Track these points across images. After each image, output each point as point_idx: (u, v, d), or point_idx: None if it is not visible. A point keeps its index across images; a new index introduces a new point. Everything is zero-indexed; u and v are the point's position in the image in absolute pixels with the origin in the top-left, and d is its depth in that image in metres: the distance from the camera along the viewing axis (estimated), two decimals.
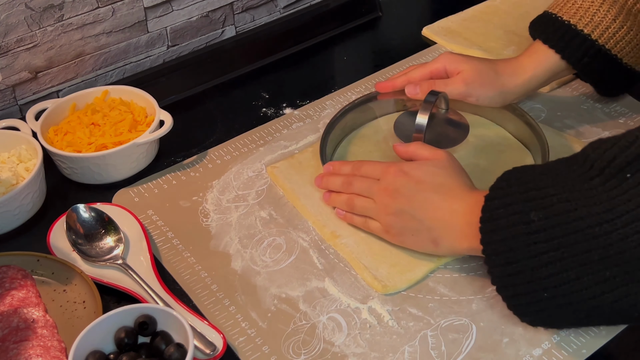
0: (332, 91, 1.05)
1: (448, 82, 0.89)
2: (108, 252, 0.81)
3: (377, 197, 0.79)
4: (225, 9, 1.13)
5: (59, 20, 0.98)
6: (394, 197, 0.77)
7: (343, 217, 0.83)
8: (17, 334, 0.71)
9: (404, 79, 0.92)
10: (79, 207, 0.83)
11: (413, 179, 0.77)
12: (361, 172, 0.82)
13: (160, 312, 0.69)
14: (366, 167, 0.82)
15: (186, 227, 0.86)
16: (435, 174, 0.77)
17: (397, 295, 0.77)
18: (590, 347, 0.72)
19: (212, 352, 0.70)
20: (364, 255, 0.80)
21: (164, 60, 1.11)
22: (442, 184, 0.77)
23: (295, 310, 0.76)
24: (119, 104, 0.96)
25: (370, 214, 0.80)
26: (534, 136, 0.90)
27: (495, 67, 0.91)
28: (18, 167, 0.88)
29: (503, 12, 1.17)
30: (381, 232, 0.80)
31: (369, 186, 0.80)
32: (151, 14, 1.06)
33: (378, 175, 0.80)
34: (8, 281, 0.76)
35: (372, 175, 0.81)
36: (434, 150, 0.80)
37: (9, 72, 0.97)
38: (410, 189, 0.77)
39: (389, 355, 0.72)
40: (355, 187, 0.81)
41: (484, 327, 0.74)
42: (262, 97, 1.06)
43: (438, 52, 1.11)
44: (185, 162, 0.95)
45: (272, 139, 0.97)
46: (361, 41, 1.17)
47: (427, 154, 0.80)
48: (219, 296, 0.78)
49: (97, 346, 0.68)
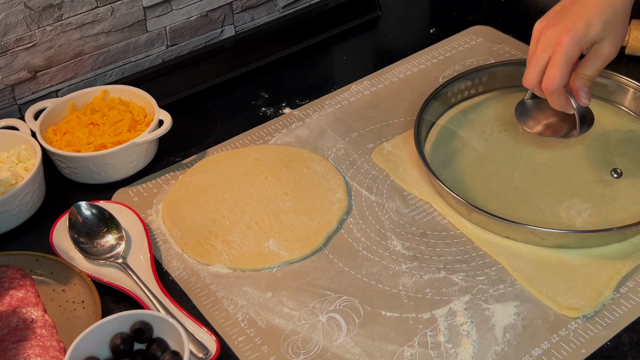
0: (332, 91, 1.05)
1: (594, 62, 0.84)
2: (109, 250, 0.81)
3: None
4: (225, 9, 1.13)
5: (58, 20, 0.98)
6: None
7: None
8: (16, 333, 0.71)
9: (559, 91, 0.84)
10: (81, 205, 0.83)
11: None
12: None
13: (156, 319, 0.69)
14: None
15: None
16: None
17: None
18: (590, 347, 0.72)
19: (205, 356, 0.70)
20: None
21: (163, 60, 1.10)
22: None
23: (296, 310, 0.76)
24: (118, 103, 0.96)
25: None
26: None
27: None
28: (17, 166, 0.88)
29: None
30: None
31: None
32: (150, 14, 1.06)
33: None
34: (7, 281, 0.75)
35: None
36: None
37: (8, 71, 0.97)
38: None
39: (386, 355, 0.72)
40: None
41: None
42: (261, 97, 1.06)
43: (438, 51, 1.11)
44: (184, 162, 0.95)
45: (271, 139, 0.97)
46: (360, 41, 1.17)
47: None
48: (218, 296, 0.78)
49: (93, 352, 0.67)
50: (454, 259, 0.81)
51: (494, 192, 0.87)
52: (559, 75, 0.80)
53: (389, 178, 0.91)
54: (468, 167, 0.91)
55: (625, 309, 0.75)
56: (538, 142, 0.93)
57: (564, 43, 0.79)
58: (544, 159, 0.91)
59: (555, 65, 0.80)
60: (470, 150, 0.93)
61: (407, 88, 1.05)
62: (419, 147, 0.89)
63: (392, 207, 0.87)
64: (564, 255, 0.80)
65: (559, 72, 0.80)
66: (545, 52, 0.81)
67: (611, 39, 0.81)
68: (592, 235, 0.80)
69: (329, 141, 0.97)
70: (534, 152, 0.92)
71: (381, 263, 0.81)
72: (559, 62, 0.80)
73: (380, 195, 0.89)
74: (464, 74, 0.99)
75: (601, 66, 0.82)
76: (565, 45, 0.79)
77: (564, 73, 0.80)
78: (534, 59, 0.83)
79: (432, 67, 1.08)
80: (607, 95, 0.98)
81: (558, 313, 0.75)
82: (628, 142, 0.93)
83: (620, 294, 0.76)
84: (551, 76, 0.81)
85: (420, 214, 0.86)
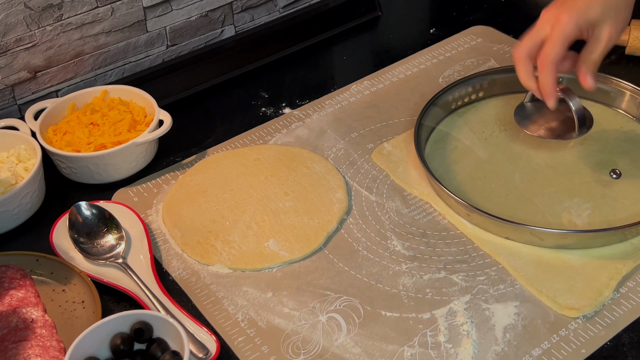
0: (332, 91, 1.05)
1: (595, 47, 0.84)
2: (109, 250, 0.81)
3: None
4: (225, 9, 1.13)
5: (58, 20, 0.98)
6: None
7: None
8: (16, 333, 0.71)
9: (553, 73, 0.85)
10: (81, 205, 0.83)
11: None
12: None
13: (156, 319, 0.69)
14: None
15: None
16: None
17: None
18: (590, 347, 0.72)
19: (205, 356, 0.70)
20: None
21: (163, 60, 1.10)
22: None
23: (296, 310, 0.76)
24: (118, 103, 0.96)
25: None
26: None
27: None
28: (17, 166, 0.88)
29: None
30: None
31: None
32: (150, 14, 1.06)
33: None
34: (7, 281, 0.75)
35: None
36: None
37: (8, 71, 0.97)
38: None
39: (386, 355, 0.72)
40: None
41: None
42: (261, 97, 1.06)
43: (438, 51, 1.11)
44: (184, 162, 0.94)
45: (271, 139, 0.97)
46: (361, 41, 1.17)
47: None
48: (218, 296, 0.78)
49: (93, 352, 0.67)
50: (454, 259, 0.81)
51: (494, 192, 0.87)
52: (555, 51, 0.81)
53: (389, 178, 0.91)
54: (468, 168, 0.91)
55: (625, 309, 0.75)
56: (537, 142, 0.93)
57: (563, 20, 0.80)
58: (544, 159, 0.91)
59: (552, 41, 0.81)
60: (469, 151, 0.93)
61: (407, 88, 1.05)
62: (419, 149, 0.89)
63: (392, 207, 0.87)
64: (564, 255, 0.80)
65: (554, 48, 0.81)
66: (543, 29, 0.82)
67: (611, 22, 0.81)
68: (592, 235, 0.80)
69: (329, 141, 0.97)
70: (534, 152, 0.92)
71: (381, 263, 0.81)
72: (556, 38, 0.81)
73: (380, 195, 0.89)
74: (465, 80, 0.99)
75: (603, 50, 0.82)
76: (563, 21, 0.80)
77: (559, 49, 0.81)
78: (531, 32, 0.84)
79: (432, 67, 1.08)
80: (604, 99, 0.98)
81: (558, 313, 0.75)
82: (627, 142, 0.93)
83: (620, 294, 0.76)
84: (547, 50, 0.81)
85: (420, 214, 0.86)
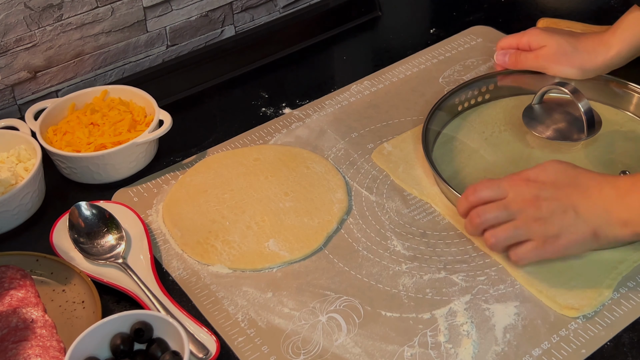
0: (332, 91, 1.05)
1: (528, 56, 0.97)
2: (109, 250, 0.81)
3: (519, 215, 0.74)
4: (225, 9, 1.13)
5: (58, 20, 0.98)
6: (537, 204, 0.73)
7: (514, 258, 0.76)
8: (16, 333, 0.71)
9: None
10: (81, 205, 0.83)
11: (545, 181, 0.74)
12: (479, 198, 0.76)
13: (156, 319, 0.69)
14: (482, 192, 0.76)
15: None
16: (562, 170, 0.75)
17: None
18: (590, 347, 0.72)
19: (205, 356, 0.70)
20: None
21: (163, 60, 1.10)
22: (576, 176, 0.75)
23: (296, 310, 0.76)
24: (118, 103, 0.96)
25: (519, 237, 0.74)
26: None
27: (577, 44, 0.94)
28: (17, 167, 0.88)
29: None
30: (537, 249, 0.74)
31: (501, 210, 0.75)
32: (150, 14, 1.06)
33: (502, 194, 0.75)
34: (7, 281, 0.75)
35: (494, 197, 0.75)
36: None
37: (8, 71, 0.97)
38: (548, 191, 0.73)
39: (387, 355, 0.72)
40: (486, 219, 0.75)
41: None
42: (261, 97, 1.06)
43: (438, 51, 1.11)
44: (184, 162, 0.94)
45: (271, 139, 0.97)
46: (361, 41, 1.17)
47: None
48: (218, 296, 0.78)
49: (93, 352, 0.67)
50: (454, 259, 0.81)
51: None
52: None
53: (389, 178, 0.91)
54: (476, 171, 0.90)
55: (625, 309, 0.75)
56: (544, 144, 0.93)
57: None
58: None
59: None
60: (477, 154, 0.93)
61: (407, 88, 1.05)
62: (427, 152, 0.89)
63: (392, 207, 0.87)
64: None
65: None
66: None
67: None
68: None
69: (329, 141, 0.97)
70: (541, 154, 0.92)
71: (381, 263, 0.81)
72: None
73: (380, 195, 0.89)
74: (470, 83, 0.99)
75: None
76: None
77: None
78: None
79: (432, 67, 1.08)
80: (612, 101, 0.97)
81: (558, 313, 0.75)
82: (636, 144, 0.92)
83: (620, 294, 0.76)
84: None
85: (420, 214, 0.86)
